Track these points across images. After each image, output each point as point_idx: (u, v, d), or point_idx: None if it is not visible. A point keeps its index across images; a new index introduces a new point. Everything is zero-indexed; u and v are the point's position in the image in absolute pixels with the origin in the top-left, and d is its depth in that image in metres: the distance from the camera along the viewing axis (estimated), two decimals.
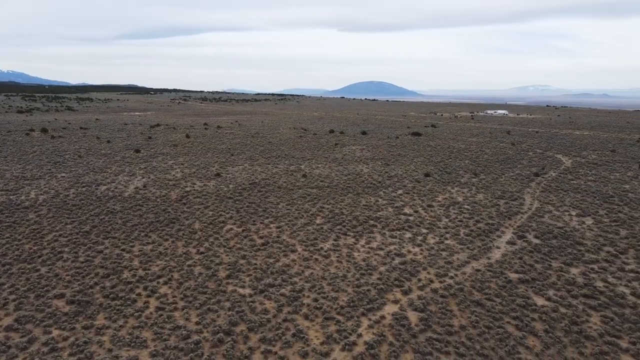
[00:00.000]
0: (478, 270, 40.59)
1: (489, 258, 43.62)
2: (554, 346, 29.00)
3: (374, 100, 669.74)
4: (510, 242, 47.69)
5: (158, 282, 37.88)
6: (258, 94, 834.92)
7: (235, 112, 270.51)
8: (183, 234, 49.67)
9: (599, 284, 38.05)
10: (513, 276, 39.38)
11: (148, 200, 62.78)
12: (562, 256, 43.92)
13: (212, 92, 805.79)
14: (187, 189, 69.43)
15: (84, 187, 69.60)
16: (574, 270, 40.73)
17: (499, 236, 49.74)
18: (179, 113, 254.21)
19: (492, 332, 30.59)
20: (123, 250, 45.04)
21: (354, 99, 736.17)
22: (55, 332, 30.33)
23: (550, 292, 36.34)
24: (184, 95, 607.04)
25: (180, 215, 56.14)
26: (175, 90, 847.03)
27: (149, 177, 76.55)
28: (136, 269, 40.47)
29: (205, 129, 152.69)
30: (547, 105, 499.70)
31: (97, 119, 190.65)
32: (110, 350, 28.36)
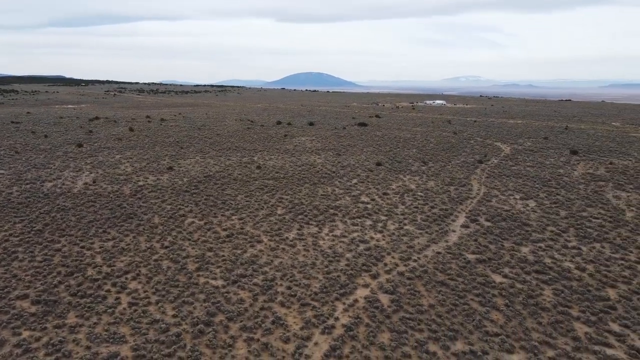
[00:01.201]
0: (439, 253, 42.88)
1: (447, 241, 46.09)
2: (515, 318, 31.48)
3: (315, 91, 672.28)
4: (465, 226, 50.53)
5: (126, 278, 37.31)
6: (197, 85, 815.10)
7: (176, 104, 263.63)
8: (144, 229, 48.81)
9: (547, 260, 41.33)
10: (471, 257, 41.95)
11: (100, 196, 60.85)
12: (512, 236, 47.16)
13: (148, 84, 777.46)
14: (140, 183, 67.79)
15: (27, 184, 66.27)
16: (524, 249, 43.94)
17: (454, 220, 52.49)
18: (116, 105, 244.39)
19: (459, 308, 32.71)
20: (83, 247, 43.76)
21: (294, 90, 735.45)
22: (26, 333, 29.37)
23: (506, 270, 39.10)
24: (119, 87, 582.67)
25: (137, 210, 54.95)
26: (108, 82, 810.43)
27: (98, 172, 73.94)
28: (100, 266, 39.57)
29: (149, 121, 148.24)
30: (481, 96, 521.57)
31: (28, 112, 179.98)
32: (88, 347, 27.91)
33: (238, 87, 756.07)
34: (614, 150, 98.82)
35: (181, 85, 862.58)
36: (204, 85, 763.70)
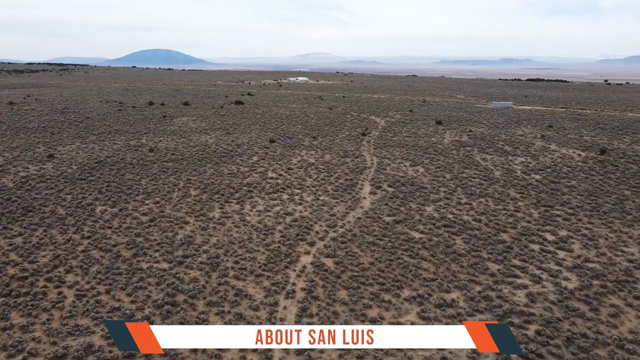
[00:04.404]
0: (359, 218, 47.14)
1: (362, 207, 50.61)
2: (442, 265, 36.87)
3: (170, 69, 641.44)
4: (372, 193, 55.58)
5: (59, 272, 35.23)
6: (30, 63, 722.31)
7: (16, 86, 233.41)
8: (51, 221, 45.41)
9: (450, 216, 48.00)
10: (388, 219, 46.93)
11: None
12: (415, 199, 53.36)
13: None
14: (22, 174, 61.44)
15: None
16: (428, 209, 50.23)
17: (361, 189, 57.31)
18: None
19: (395, 263, 37.18)
20: None
21: (147, 68, 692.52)
22: None
23: (421, 227, 44.74)
24: None
25: (34, 203, 50.45)
26: None
27: None
28: (21, 263, 36.60)
29: None
30: (337, 72, 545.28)
31: None
32: (54, 343, 26.70)
33: (82, 65, 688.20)
34: (469, 120, 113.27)
35: (9, 63, 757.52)
36: (40, 64, 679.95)
